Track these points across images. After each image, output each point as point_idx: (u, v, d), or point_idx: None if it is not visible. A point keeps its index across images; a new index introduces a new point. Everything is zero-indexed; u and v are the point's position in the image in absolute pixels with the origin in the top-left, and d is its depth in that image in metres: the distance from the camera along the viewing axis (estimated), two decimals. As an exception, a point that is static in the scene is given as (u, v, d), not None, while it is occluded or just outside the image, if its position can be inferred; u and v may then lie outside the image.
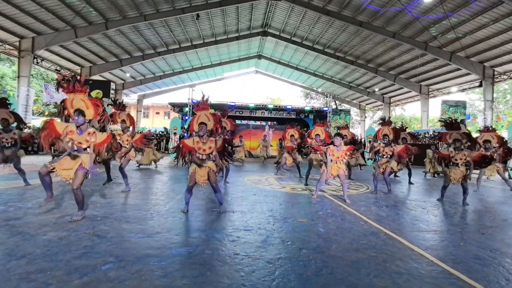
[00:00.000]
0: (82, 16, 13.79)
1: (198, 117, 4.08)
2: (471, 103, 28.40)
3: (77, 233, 3.05)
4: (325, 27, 17.56)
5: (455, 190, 7.36)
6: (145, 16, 14.92)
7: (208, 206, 4.65)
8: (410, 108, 34.82)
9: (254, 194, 5.73)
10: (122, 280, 2.13)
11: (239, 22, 18.62)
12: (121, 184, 5.89)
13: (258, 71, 31.04)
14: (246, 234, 3.29)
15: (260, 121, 19.63)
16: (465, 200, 5.39)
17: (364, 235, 3.42)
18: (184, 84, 28.19)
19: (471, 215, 4.83)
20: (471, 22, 12.85)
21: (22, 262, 2.34)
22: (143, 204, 4.55)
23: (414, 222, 4.15)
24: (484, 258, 2.87)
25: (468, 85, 18.85)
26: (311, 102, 37.09)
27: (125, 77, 23.34)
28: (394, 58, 18.75)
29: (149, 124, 35.27)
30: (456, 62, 15.81)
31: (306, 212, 4.52)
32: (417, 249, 3.02)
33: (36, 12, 12.85)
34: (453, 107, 13.36)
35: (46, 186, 3.58)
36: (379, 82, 23.39)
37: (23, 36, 14.33)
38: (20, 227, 3.17)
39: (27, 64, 14.77)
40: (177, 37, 18.67)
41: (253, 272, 2.36)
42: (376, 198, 5.81)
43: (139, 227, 3.38)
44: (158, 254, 2.63)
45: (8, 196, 4.67)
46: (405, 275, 2.41)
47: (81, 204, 3.60)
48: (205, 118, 4.05)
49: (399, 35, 15.48)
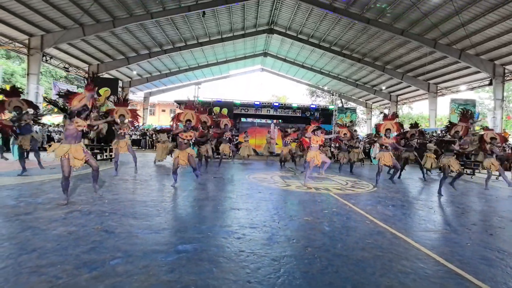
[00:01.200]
0: (90, 14, 13.93)
1: (185, 114, 5.64)
2: (481, 101, 27.88)
3: (86, 228, 3.11)
4: (332, 25, 17.41)
5: (463, 190, 7.27)
6: (152, 14, 15.00)
7: (213, 204, 4.69)
8: (417, 106, 34.36)
9: (259, 192, 5.74)
10: (130, 275, 2.17)
11: (245, 19, 18.58)
12: (127, 179, 5.96)
13: (263, 69, 30.98)
14: (251, 232, 3.31)
15: (265, 119, 19.61)
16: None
17: (370, 234, 3.41)
18: (190, 82, 28.30)
19: (478, 216, 4.76)
20: (481, 19, 12.59)
21: (33, 256, 2.40)
22: (150, 200, 4.61)
23: (421, 222, 4.12)
24: (491, 259, 2.83)
25: (477, 84, 18.49)
26: (316, 100, 36.87)
27: (131, 75, 23.53)
28: (402, 55, 18.49)
29: (155, 121, 35.56)
30: (466, 60, 15.51)
31: (311, 210, 4.52)
32: (423, 248, 3.00)
33: (45, 10, 13.03)
34: (462, 105, 13.12)
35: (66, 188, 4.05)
36: (386, 80, 23.12)
37: (32, 34, 14.55)
38: (31, 221, 3.25)
39: (36, 61, 15.00)
40: (183, 35, 18.74)
41: (259, 269, 2.38)
42: (382, 197, 5.77)
43: (146, 223, 3.43)
44: (165, 250, 2.67)
45: (18, 191, 4.77)
46: (411, 275, 2.40)
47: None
48: (191, 117, 5.66)
49: (408, 32, 15.24)
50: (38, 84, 15.05)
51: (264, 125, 18.28)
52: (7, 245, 2.59)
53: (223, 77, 30.67)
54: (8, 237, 2.78)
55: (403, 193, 6.46)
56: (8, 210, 3.67)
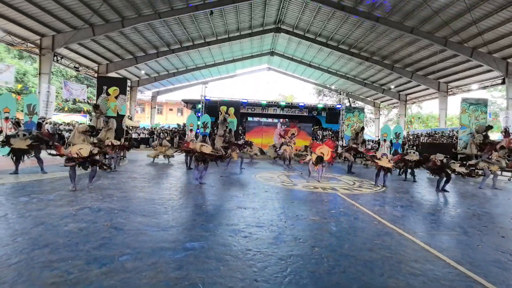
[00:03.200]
0: (99, 14, 14.14)
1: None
2: (493, 101, 27.18)
3: (96, 225, 3.17)
4: (339, 23, 17.24)
5: (474, 191, 7.12)
6: (160, 14, 15.14)
7: (220, 203, 4.71)
8: (427, 106, 33.80)
9: (266, 191, 5.74)
10: (139, 271, 2.20)
11: (252, 18, 18.56)
12: (136, 177, 6.02)
13: (270, 68, 30.90)
14: (258, 231, 3.31)
15: (272, 118, 19.58)
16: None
17: (378, 235, 3.38)
18: (197, 81, 28.46)
19: (490, 218, 4.66)
20: (493, 16, 12.27)
21: (45, 251, 2.46)
22: (157, 198, 4.66)
23: (430, 223, 4.05)
24: (503, 262, 2.77)
25: (489, 83, 18.05)
26: (324, 100, 36.61)
27: (140, 74, 23.81)
28: (411, 54, 18.18)
29: (162, 120, 35.93)
30: (478, 58, 15.14)
31: (318, 210, 4.50)
32: (433, 250, 2.96)
33: (56, 10, 13.29)
34: (473, 105, 12.77)
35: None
36: (395, 79, 22.77)
37: (43, 34, 14.86)
38: (43, 217, 3.33)
39: (47, 61, 15.32)
40: (190, 34, 18.85)
41: (266, 268, 2.38)
42: (391, 198, 5.70)
43: (154, 220, 3.47)
44: (173, 247, 2.69)
45: (31, 188, 4.89)
46: (420, 277, 2.37)
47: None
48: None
49: (417, 30, 14.97)
50: (49, 84, 15.37)
51: (271, 124, 18.24)
52: (20, 240, 2.66)
53: (230, 76, 30.74)
54: (21, 233, 2.85)
55: (412, 194, 6.37)
56: (21, 206, 3.76)
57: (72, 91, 18.97)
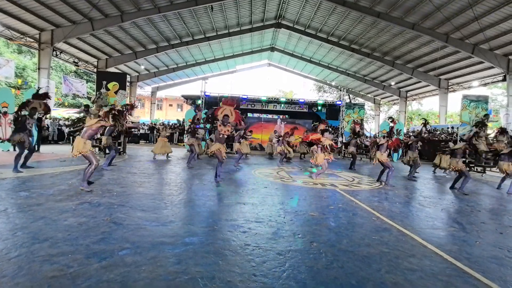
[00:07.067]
0: (98, 8, 14.01)
1: (223, 110, 5.87)
2: (494, 98, 27.12)
3: (96, 220, 3.19)
4: (340, 18, 17.10)
5: (474, 188, 7.14)
6: (160, 8, 15.00)
7: (219, 198, 4.72)
8: (427, 102, 33.75)
9: (265, 187, 5.76)
10: (138, 266, 2.22)
11: (252, 13, 18.40)
12: (135, 173, 6.04)
13: (270, 64, 30.75)
14: (257, 226, 3.33)
15: (272, 114, 19.54)
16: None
17: (376, 231, 3.40)
18: (197, 77, 28.33)
19: (488, 214, 4.68)
20: (496, 12, 12.17)
21: (45, 245, 2.47)
22: (157, 193, 4.68)
23: (428, 219, 4.07)
24: (501, 258, 2.79)
25: (490, 79, 17.97)
26: (324, 96, 36.50)
27: (139, 69, 23.69)
28: (412, 50, 18.07)
29: (162, 116, 35.86)
30: (479, 55, 15.05)
31: (317, 206, 4.52)
32: (430, 246, 2.97)
33: (55, 4, 13.16)
34: (474, 102, 12.71)
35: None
36: (395, 75, 22.68)
37: (43, 28, 14.74)
38: (43, 212, 3.34)
39: (47, 56, 15.22)
40: (190, 29, 18.70)
41: (264, 263, 2.40)
42: (390, 194, 5.72)
43: (153, 215, 3.49)
44: (172, 242, 2.71)
45: (31, 183, 4.90)
46: (417, 272, 2.39)
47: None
48: (229, 112, 5.89)
49: (419, 26, 14.86)
50: (48, 78, 15.29)
51: (271, 120, 18.20)
52: (20, 234, 2.67)
53: (230, 72, 30.59)
54: (22, 227, 2.86)
55: (411, 190, 6.39)
56: (21, 201, 3.78)
57: (72, 86, 18.89)
